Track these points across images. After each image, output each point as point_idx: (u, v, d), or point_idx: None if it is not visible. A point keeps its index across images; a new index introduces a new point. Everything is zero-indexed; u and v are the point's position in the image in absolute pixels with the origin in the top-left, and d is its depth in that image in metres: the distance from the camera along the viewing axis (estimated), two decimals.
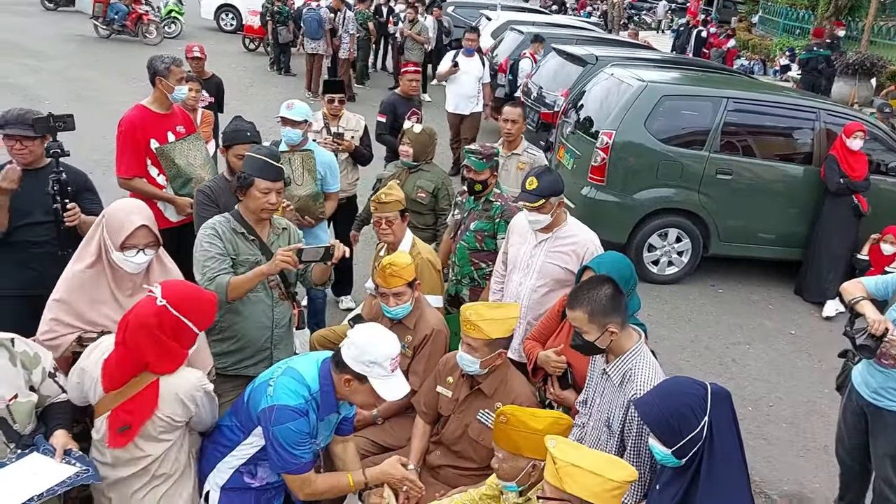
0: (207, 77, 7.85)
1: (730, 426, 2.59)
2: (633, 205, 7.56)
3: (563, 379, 3.59)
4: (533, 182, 4.05)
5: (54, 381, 2.99)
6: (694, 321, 7.21)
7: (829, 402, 5.90)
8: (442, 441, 3.69)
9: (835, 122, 7.68)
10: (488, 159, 4.85)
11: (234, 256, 3.67)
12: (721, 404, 2.59)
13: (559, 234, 4.19)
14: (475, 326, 3.36)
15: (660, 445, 2.60)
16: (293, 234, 3.97)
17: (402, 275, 3.82)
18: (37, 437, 2.86)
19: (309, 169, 5.19)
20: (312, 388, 2.98)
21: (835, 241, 7.47)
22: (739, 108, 7.66)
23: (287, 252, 3.48)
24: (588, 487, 2.38)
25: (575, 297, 3.07)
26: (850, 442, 4.33)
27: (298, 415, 2.92)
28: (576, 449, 2.54)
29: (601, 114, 7.87)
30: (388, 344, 2.97)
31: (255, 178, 3.60)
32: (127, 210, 3.26)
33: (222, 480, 3.14)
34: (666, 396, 2.63)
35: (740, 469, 2.59)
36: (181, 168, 4.97)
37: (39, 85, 13.20)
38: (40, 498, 2.63)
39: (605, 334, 3.01)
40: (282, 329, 3.88)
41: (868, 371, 4.04)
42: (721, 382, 5.98)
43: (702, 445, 2.54)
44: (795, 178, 7.72)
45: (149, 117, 4.99)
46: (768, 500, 4.84)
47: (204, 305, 2.96)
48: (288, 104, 5.21)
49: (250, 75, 15.89)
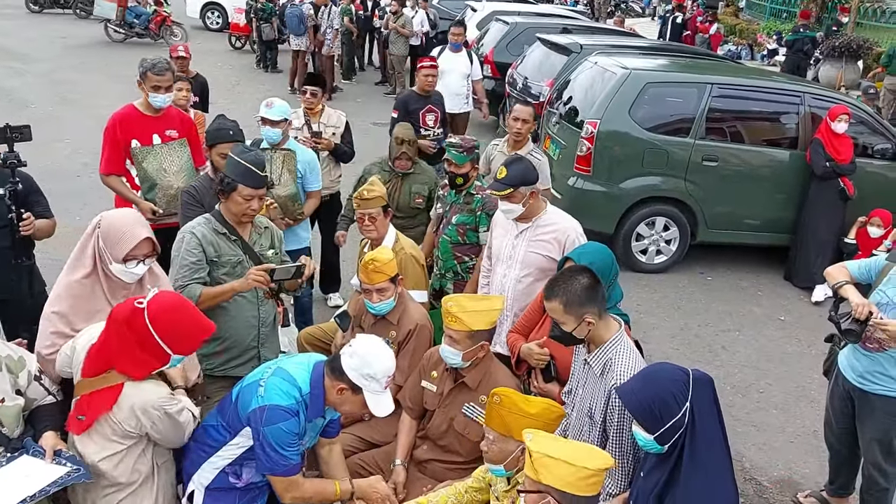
0: (192, 76, 7.80)
1: (711, 410, 2.59)
2: (619, 194, 7.54)
3: (547, 371, 3.58)
4: (502, 171, 4.03)
5: (40, 384, 2.99)
6: (683, 309, 7.21)
7: (819, 387, 5.89)
8: (428, 436, 3.69)
9: (819, 106, 7.66)
10: (469, 152, 4.83)
11: (215, 258, 3.67)
12: (703, 389, 2.59)
13: (539, 223, 4.17)
14: (456, 318, 3.36)
15: (643, 432, 2.62)
16: (274, 233, 3.99)
17: (385, 270, 3.81)
18: (25, 439, 2.86)
19: (290, 169, 5.15)
20: (303, 389, 2.98)
21: (822, 226, 7.47)
22: (724, 93, 7.64)
23: (259, 271, 3.57)
24: (563, 477, 2.39)
25: (551, 288, 3.07)
26: (838, 426, 4.33)
27: (290, 415, 2.91)
28: (553, 441, 2.54)
29: (586, 103, 7.85)
30: (389, 361, 2.99)
31: (239, 184, 3.60)
32: (128, 222, 3.21)
33: (207, 480, 3.12)
34: (648, 383, 2.64)
35: (723, 453, 2.60)
36: (147, 172, 4.91)
37: (25, 88, 13.14)
38: (33, 499, 2.65)
39: (582, 325, 3.00)
40: (267, 328, 3.91)
41: (854, 355, 4.04)
42: (710, 370, 6.07)
43: (684, 431, 2.55)
44: (781, 163, 7.71)
45: (134, 117, 4.99)
46: (759, 487, 4.85)
47: (188, 332, 2.87)
48: (267, 103, 5.18)
49: (237, 73, 15.82)
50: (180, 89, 6.30)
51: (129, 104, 5.07)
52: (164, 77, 4.95)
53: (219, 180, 3.69)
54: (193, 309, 2.95)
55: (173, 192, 4.90)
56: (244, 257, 3.76)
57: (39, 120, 11.12)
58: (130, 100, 5.10)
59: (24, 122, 4.16)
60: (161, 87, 4.95)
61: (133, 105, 5.05)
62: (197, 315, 2.93)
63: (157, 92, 4.94)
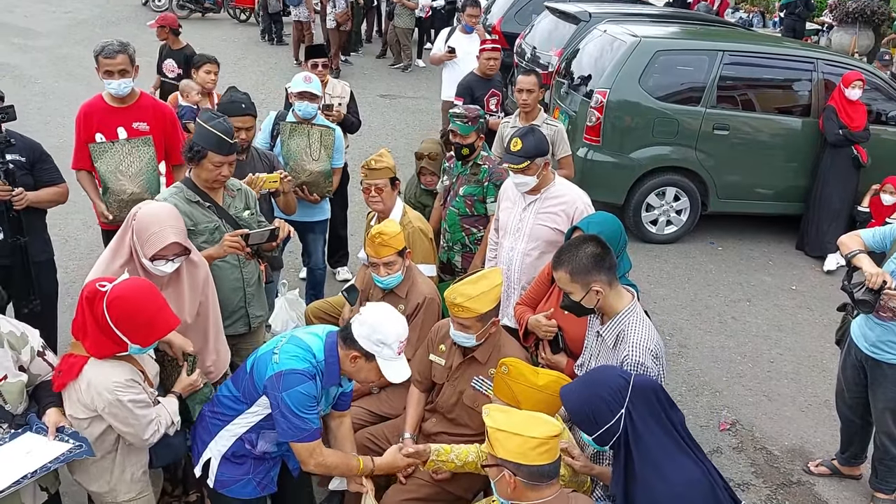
0: (181, 47, 7.80)
1: (654, 414, 2.61)
2: (629, 164, 7.47)
3: (554, 343, 3.56)
4: (517, 143, 3.98)
5: (44, 359, 2.99)
6: (694, 280, 7.17)
7: (831, 356, 5.87)
8: (437, 409, 3.67)
9: (833, 73, 7.55)
10: (473, 122, 4.78)
11: (191, 227, 3.67)
12: (642, 396, 2.61)
13: (547, 194, 4.12)
14: (463, 308, 3.32)
15: (580, 432, 2.68)
16: (248, 194, 4.04)
17: (392, 244, 3.78)
18: (29, 415, 2.87)
19: (326, 146, 5.14)
20: (318, 356, 2.97)
21: (835, 194, 7.39)
22: (735, 61, 7.53)
23: (234, 237, 3.62)
24: (512, 449, 2.43)
25: (558, 258, 3.04)
26: (850, 396, 4.31)
27: (307, 378, 2.91)
28: (505, 413, 2.58)
29: (595, 72, 7.75)
30: (399, 326, 2.96)
31: (209, 151, 3.63)
32: (160, 223, 3.15)
33: (224, 448, 3.13)
34: (585, 387, 2.70)
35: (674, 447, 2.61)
36: (101, 173, 4.43)
37: (29, 64, 13.07)
38: (33, 475, 2.66)
39: (589, 294, 2.97)
40: (252, 287, 3.97)
41: (867, 324, 4.01)
42: (721, 340, 6.06)
43: (623, 434, 2.58)
44: (794, 131, 7.61)
45: (99, 109, 4.59)
46: (770, 456, 4.83)
47: (145, 324, 2.77)
48: (306, 77, 5.16)
49: (241, 47, 15.69)
50: (208, 72, 6.22)
51: (98, 94, 4.68)
52: (116, 60, 4.43)
53: (188, 148, 3.73)
54: (157, 302, 2.83)
55: (125, 199, 4.39)
56: (220, 222, 3.80)
57: (45, 96, 11.12)
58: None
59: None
60: (113, 72, 4.44)
61: (100, 95, 4.66)
62: (159, 308, 2.82)
63: (109, 77, 4.45)
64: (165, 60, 7.74)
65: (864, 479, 4.57)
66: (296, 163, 5.02)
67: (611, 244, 3.12)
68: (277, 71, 13.54)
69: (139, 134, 4.59)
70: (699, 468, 2.60)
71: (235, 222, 3.85)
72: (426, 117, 11.56)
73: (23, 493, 2.82)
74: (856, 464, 4.60)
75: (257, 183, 4.25)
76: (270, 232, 3.75)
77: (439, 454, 3.23)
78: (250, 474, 3.17)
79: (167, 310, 2.87)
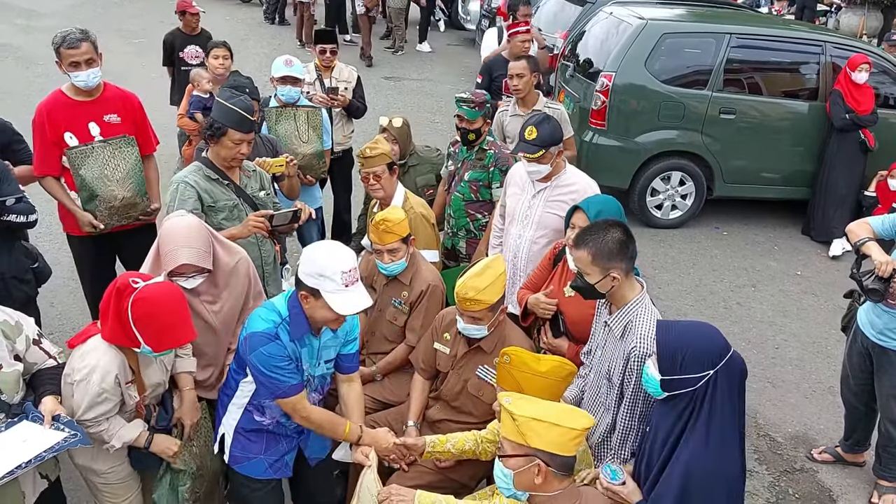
0: (198, 33, 7.64)
1: (732, 394, 2.56)
2: (635, 149, 7.42)
3: (555, 326, 3.53)
4: (532, 132, 3.93)
5: (40, 347, 3.00)
6: (699, 265, 7.14)
7: (836, 342, 5.86)
8: (441, 396, 3.67)
9: (841, 56, 7.47)
10: (480, 107, 4.73)
11: (212, 204, 3.79)
12: (733, 370, 2.55)
13: (558, 182, 4.09)
14: (475, 301, 3.28)
15: (654, 368, 2.59)
16: (262, 175, 4.13)
17: (396, 230, 3.75)
18: (26, 404, 2.87)
19: (314, 126, 5.11)
20: (283, 312, 2.98)
21: (841, 179, 7.34)
22: (743, 44, 7.45)
23: (259, 217, 3.73)
24: (551, 440, 2.39)
25: (582, 237, 3.00)
26: (855, 383, 4.30)
27: (268, 339, 2.91)
28: (531, 403, 2.52)
29: (601, 55, 7.68)
30: (338, 257, 2.84)
31: (229, 129, 3.70)
32: (174, 243, 3.13)
33: (234, 421, 3.19)
34: (688, 331, 2.61)
35: (735, 431, 2.58)
36: (85, 180, 4.15)
37: (33, 45, 12.98)
38: (27, 465, 2.66)
39: (606, 279, 2.94)
40: (270, 266, 4.07)
41: (874, 312, 3.99)
42: (726, 326, 6.05)
43: (694, 396, 2.52)
44: (801, 115, 7.55)
45: (63, 106, 4.22)
46: (773, 443, 4.84)
47: (162, 331, 2.81)
48: (287, 61, 5.09)
49: (245, 27, 15.59)
50: (216, 57, 5.84)
51: (57, 89, 4.28)
52: (80, 50, 4.09)
53: (208, 126, 3.77)
54: (179, 313, 2.85)
55: (118, 205, 4.23)
56: (238, 200, 3.89)
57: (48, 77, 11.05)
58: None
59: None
60: (80, 63, 4.11)
61: (61, 90, 4.25)
62: (179, 320, 2.84)
63: (76, 69, 4.11)
64: (187, 48, 7.38)
65: (868, 466, 4.57)
66: (286, 147, 4.98)
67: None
68: (281, 52, 13.38)
69: (112, 128, 4.30)
70: (740, 464, 2.59)
71: (253, 202, 3.94)
72: (430, 100, 11.51)
73: (22, 482, 2.83)
74: (859, 451, 4.60)
75: (265, 167, 4.25)
76: (293, 213, 3.87)
77: (434, 445, 3.24)
78: (262, 454, 3.21)
79: (187, 324, 2.89)
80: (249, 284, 3.52)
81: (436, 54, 14.68)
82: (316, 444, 3.36)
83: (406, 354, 3.94)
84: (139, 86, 5.98)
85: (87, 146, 4.16)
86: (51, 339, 3.16)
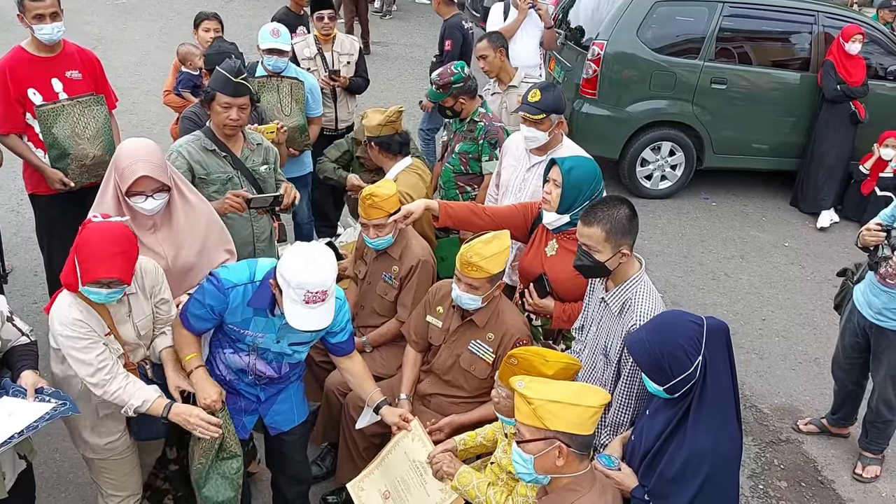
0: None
1: (724, 360, 2.53)
2: (625, 118, 7.37)
3: (541, 287, 3.50)
4: (536, 94, 3.89)
5: (13, 324, 2.95)
6: (687, 236, 7.16)
7: (822, 314, 5.91)
8: (433, 370, 3.66)
9: (834, 26, 7.41)
10: (444, 89, 4.70)
11: (203, 176, 3.72)
12: (716, 340, 2.51)
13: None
14: (478, 267, 3.25)
15: (651, 383, 2.57)
16: (269, 149, 4.03)
17: (383, 206, 3.70)
18: (4, 380, 2.83)
19: (297, 99, 5.02)
20: (256, 277, 2.96)
21: (831, 150, 7.33)
22: (735, 12, 7.37)
23: (236, 196, 3.64)
24: (571, 420, 2.35)
25: (592, 214, 2.92)
26: (846, 360, 4.32)
27: (213, 284, 2.93)
28: (545, 385, 2.47)
29: (592, 23, 7.59)
30: (312, 274, 2.69)
31: (216, 93, 3.65)
32: (132, 157, 3.07)
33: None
34: (658, 334, 2.53)
35: (731, 401, 2.56)
36: (57, 139, 4.18)
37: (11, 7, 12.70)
38: (21, 435, 2.63)
39: (616, 256, 2.90)
40: (263, 243, 4.00)
41: (871, 291, 3.98)
42: (713, 297, 6.06)
43: (695, 383, 2.49)
44: (792, 86, 7.51)
45: (25, 62, 4.22)
46: (759, 414, 4.89)
47: (91, 257, 2.68)
48: (273, 31, 4.93)
49: None
50: (207, 30, 5.64)
51: (17, 46, 4.26)
52: (45, 2, 4.09)
53: (204, 92, 3.75)
54: (119, 246, 2.71)
55: (90, 163, 4.27)
56: (235, 173, 3.81)
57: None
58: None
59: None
60: (44, 16, 4.11)
61: (20, 46, 4.25)
62: (113, 253, 2.69)
63: (41, 22, 4.12)
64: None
65: (852, 438, 4.63)
66: (269, 119, 4.90)
67: (594, 183, 3.22)
68: (267, 15, 13.16)
69: (74, 84, 4.31)
70: (739, 438, 2.58)
71: (252, 175, 3.87)
72: (420, 68, 11.35)
73: (3, 462, 2.80)
74: (845, 425, 4.65)
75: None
76: (274, 199, 3.79)
77: (465, 443, 3.23)
78: None
79: (117, 259, 2.70)
80: (214, 235, 3.43)
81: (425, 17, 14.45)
82: (277, 415, 3.34)
83: (397, 329, 3.93)
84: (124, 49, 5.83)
85: (57, 104, 4.17)
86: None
